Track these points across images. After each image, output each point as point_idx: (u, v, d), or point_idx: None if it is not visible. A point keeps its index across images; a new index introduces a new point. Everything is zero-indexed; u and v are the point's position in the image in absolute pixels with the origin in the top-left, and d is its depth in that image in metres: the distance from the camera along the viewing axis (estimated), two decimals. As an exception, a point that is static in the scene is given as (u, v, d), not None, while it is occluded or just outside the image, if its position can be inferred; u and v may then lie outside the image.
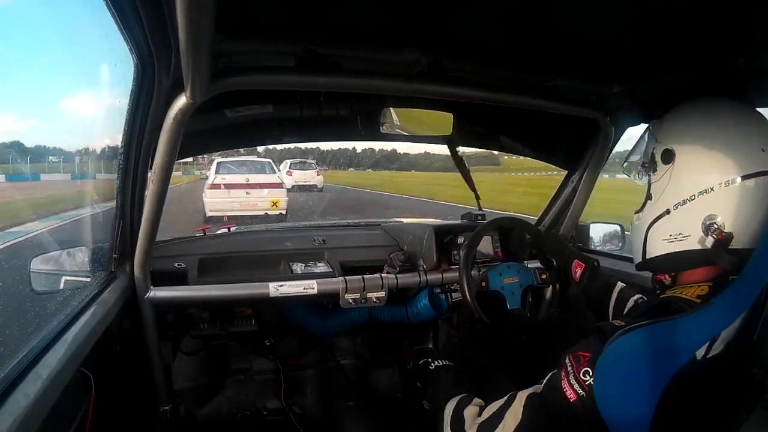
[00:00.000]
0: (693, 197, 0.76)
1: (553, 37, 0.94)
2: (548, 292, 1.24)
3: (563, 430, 0.73)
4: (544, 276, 1.26)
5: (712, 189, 0.74)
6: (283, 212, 8.94)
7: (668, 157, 0.79)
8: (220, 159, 9.22)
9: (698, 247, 0.76)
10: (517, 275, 1.28)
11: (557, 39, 0.95)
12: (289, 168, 15.08)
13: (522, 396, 0.78)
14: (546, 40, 0.96)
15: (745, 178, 0.73)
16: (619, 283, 1.12)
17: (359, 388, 1.87)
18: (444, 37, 0.98)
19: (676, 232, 0.78)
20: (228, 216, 7.99)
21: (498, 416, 0.79)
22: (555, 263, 1.27)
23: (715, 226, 0.73)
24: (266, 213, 8.60)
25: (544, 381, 0.77)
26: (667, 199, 0.79)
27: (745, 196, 0.73)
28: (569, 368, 0.72)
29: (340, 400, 1.85)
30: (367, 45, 1.01)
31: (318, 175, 15.49)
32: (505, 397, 0.81)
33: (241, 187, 8.68)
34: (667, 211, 0.79)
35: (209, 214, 8.32)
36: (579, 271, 1.18)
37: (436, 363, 1.09)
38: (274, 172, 9.42)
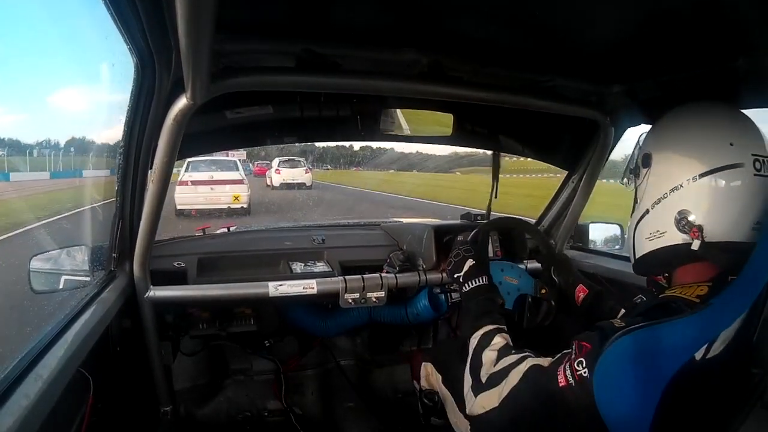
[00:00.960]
0: (666, 195, 0.79)
1: (553, 37, 0.94)
2: (543, 306, 1.23)
3: (546, 409, 0.75)
4: (543, 291, 1.25)
5: (681, 185, 0.77)
6: (245, 206, 9.92)
7: (647, 160, 0.84)
8: (190, 158, 9.66)
9: (674, 242, 0.78)
10: (518, 278, 1.27)
11: (557, 39, 0.95)
12: (278, 166, 15.30)
13: (530, 362, 0.80)
14: (546, 40, 0.96)
15: (713, 172, 0.74)
16: (623, 310, 1.12)
17: (359, 389, 1.87)
18: (444, 37, 0.98)
19: (655, 230, 0.81)
20: (195, 210, 9.35)
21: (504, 373, 0.82)
22: (558, 282, 1.26)
23: (686, 221, 0.76)
24: (229, 207, 9.67)
25: (556, 356, 0.78)
26: (647, 199, 0.83)
27: (714, 189, 0.74)
28: (572, 355, 0.73)
29: (340, 400, 1.85)
30: (366, 45, 1.01)
31: (307, 173, 15.80)
32: (520, 355, 0.84)
33: (206, 184, 9.67)
34: (647, 211, 0.83)
35: (179, 207, 9.33)
36: (582, 296, 1.19)
37: (469, 284, 1.06)
38: (238, 170, 10.36)
